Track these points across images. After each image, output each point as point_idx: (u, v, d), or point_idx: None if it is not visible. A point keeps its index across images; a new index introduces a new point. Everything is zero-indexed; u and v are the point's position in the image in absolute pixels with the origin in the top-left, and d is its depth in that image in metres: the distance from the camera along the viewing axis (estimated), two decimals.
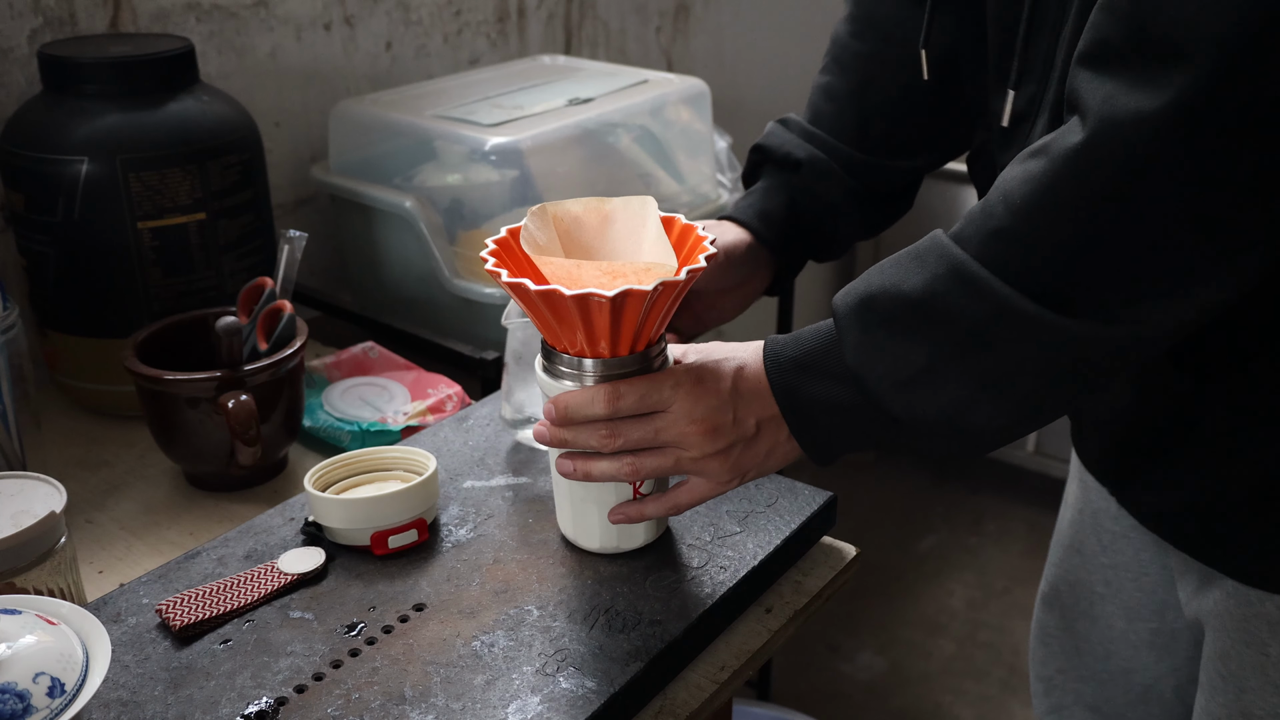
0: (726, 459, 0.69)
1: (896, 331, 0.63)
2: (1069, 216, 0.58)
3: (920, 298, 0.62)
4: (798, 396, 0.68)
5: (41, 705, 0.52)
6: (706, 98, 1.39)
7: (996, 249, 0.60)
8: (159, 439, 0.92)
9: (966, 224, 0.62)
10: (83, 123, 0.97)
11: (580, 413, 0.69)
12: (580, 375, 0.70)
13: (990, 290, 0.60)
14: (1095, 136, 0.56)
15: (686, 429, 0.68)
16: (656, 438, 0.69)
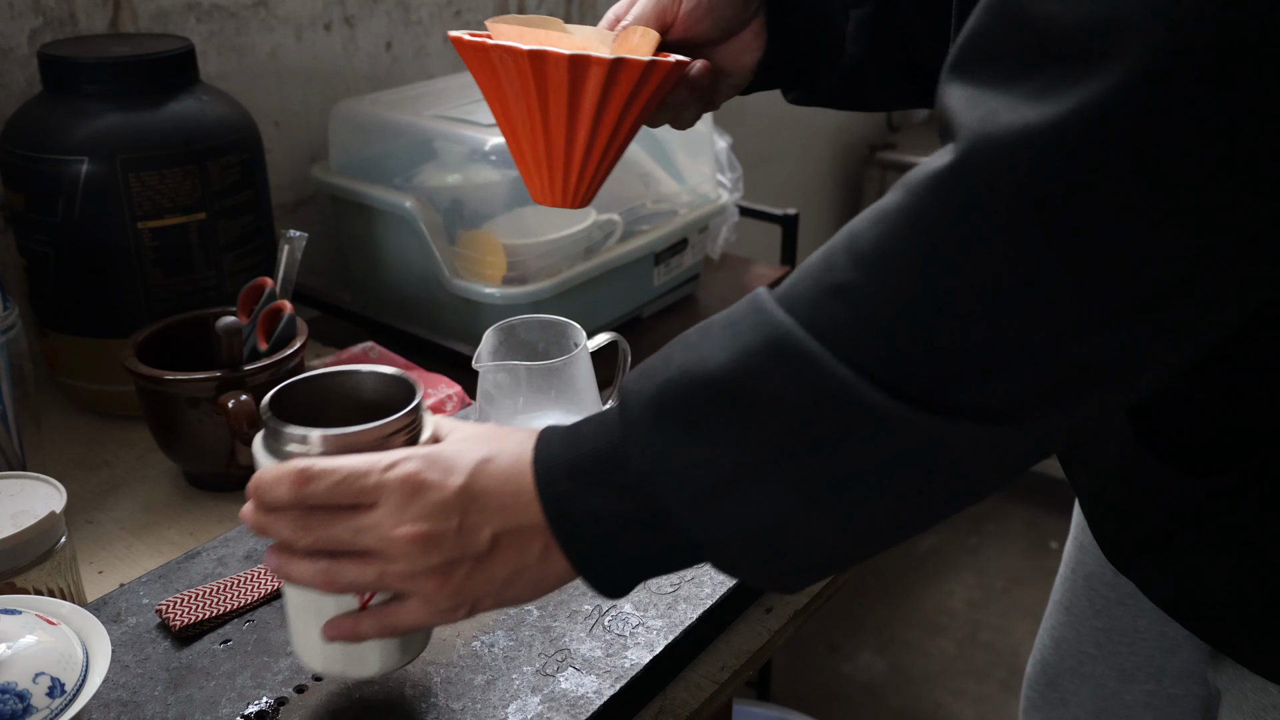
0: (445, 580, 0.52)
1: (697, 426, 0.48)
2: (928, 268, 0.43)
3: (726, 380, 0.47)
4: (571, 511, 0.51)
5: (41, 705, 0.52)
6: None
7: (833, 313, 0.45)
8: (159, 439, 0.92)
9: (798, 278, 0.47)
10: (83, 123, 0.97)
11: (268, 495, 0.53)
12: (304, 448, 0.55)
13: (820, 370, 0.45)
14: (967, 160, 0.42)
15: (392, 534, 0.52)
16: (355, 540, 0.52)
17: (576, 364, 0.84)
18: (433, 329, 1.20)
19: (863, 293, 0.44)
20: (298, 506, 0.53)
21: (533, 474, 0.52)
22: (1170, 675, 0.82)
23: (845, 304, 0.45)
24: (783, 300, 0.47)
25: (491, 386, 0.84)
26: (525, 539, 0.52)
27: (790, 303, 0.47)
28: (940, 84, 0.45)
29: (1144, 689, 0.84)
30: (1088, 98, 0.39)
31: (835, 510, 0.47)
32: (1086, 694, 0.88)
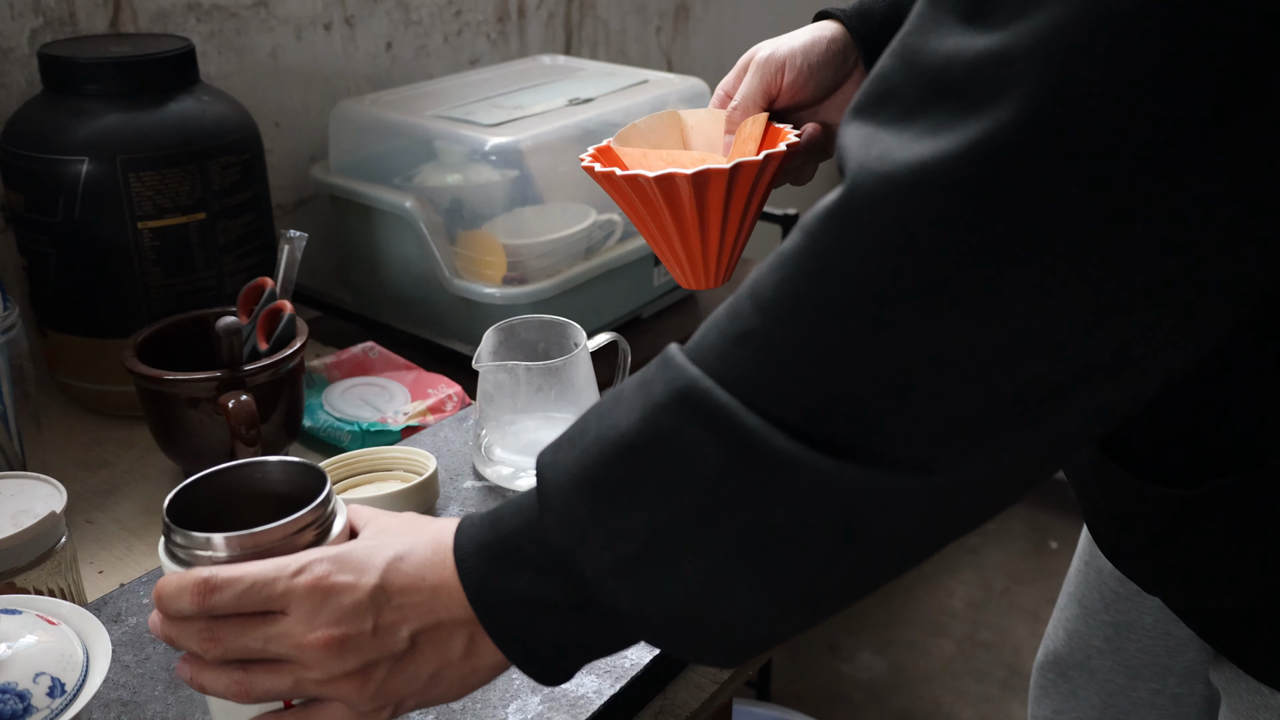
0: (365, 683, 0.50)
1: (612, 493, 0.46)
2: (827, 308, 0.41)
3: (635, 439, 0.45)
4: (495, 597, 0.49)
5: (42, 705, 0.52)
6: (706, 98, 1.39)
7: (740, 361, 0.43)
8: (159, 439, 0.92)
9: (706, 330, 0.46)
10: (83, 123, 0.97)
11: (171, 606, 0.51)
12: (209, 553, 0.53)
13: (730, 421, 0.43)
14: (854, 195, 0.41)
15: (304, 640, 0.50)
16: (266, 649, 0.51)
17: (576, 364, 0.84)
18: (433, 329, 1.20)
19: (768, 339, 0.43)
20: (203, 617, 0.51)
21: (454, 562, 0.50)
22: (1176, 674, 0.82)
23: (751, 351, 0.43)
24: (690, 353, 0.45)
25: (491, 386, 0.84)
26: (446, 634, 0.51)
27: (698, 355, 0.45)
28: (840, 126, 0.44)
29: (1150, 687, 0.84)
30: (978, 133, 0.38)
31: (760, 572, 0.44)
32: (1094, 688, 0.88)
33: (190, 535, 0.53)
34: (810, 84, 0.76)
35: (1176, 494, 0.60)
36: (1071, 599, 0.91)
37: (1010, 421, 0.42)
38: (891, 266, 0.40)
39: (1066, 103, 0.37)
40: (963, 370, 0.40)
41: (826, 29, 0.78)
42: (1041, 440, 0.43)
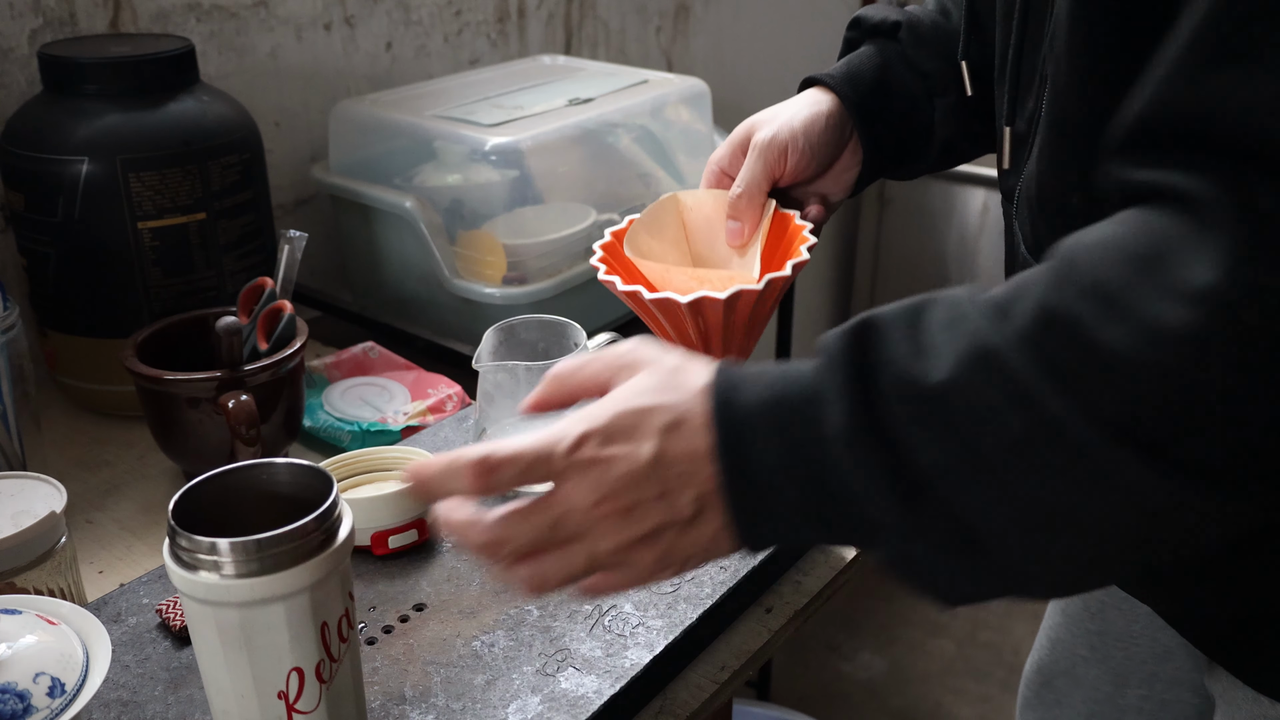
0: (654, 547, 0.50)
1: (906, 415, 0.45)
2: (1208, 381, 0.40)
3: (940, 386, 0.45)
4: (749, 460, 0.48)
5: (42, 705, 0.52)
6: (706, 98, 1.39)
7: (1056, 338, 0.43)
8: (159, 439, 0.92)
9: (1016, 295, 0.45)
10: (83, 123, 0.97)
11: (445, 485, 0.51)
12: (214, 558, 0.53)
13: (1035, 399, 0.43)
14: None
15: (592, 512, 0.49)
16: (555, 532, 0.50)
17: None
18: (433, 329, 1.20)
19: (1089, 328, 0.42)
20: (483, 493, 0.50)
21: (714, 422, 0.49)
22: (1163, 681, 0.82)
23: (1066, 334, 0.42)
24: (999, 313, 0.44)
25: (491, 386, 0.84)
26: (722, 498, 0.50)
27: (1007, 317, 0.44)
28: (1128, 151, 0.44)
29: (1137, 693, 0.83)
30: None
31: (1040, 541, 0.44)
32: (1080, 696, 0.87)
33: (195, 539, 0.53)
34: (813, 164, 0.76)
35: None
36: (1055, 609, 0.90)
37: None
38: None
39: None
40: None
41: (822, 102, 0.76)
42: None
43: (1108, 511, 0.43)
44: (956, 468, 0.44)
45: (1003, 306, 0.45)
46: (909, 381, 0.45)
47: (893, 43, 0.79)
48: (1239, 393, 0.40)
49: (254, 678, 0.55)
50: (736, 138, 0.77)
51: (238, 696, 0.56)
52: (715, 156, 0.78)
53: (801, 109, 0.76)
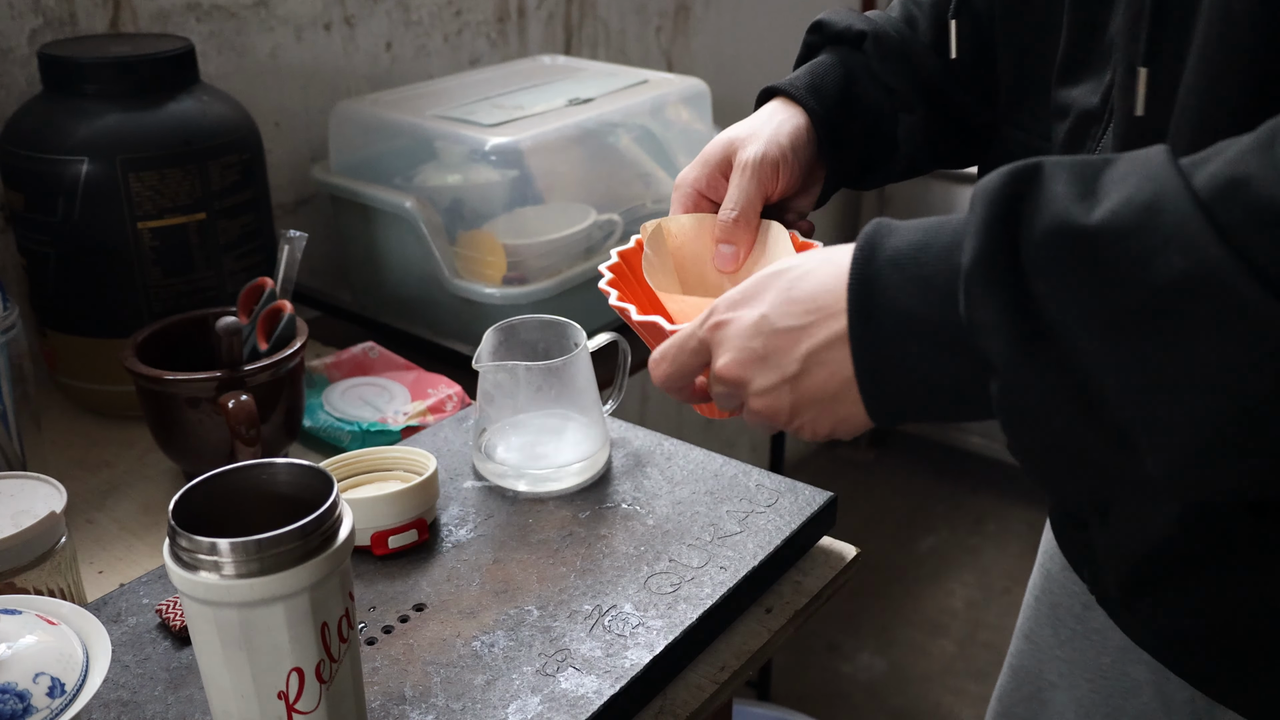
0: (777, 398, 0.54)
1: (1045, 259, 0.44)
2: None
3: (1096, 226, 0.43)
4: (876, 301, 0.49)
5: (41, 705, 0.52)
6: (706, 98, 1.39)
7: (1238, 200, 0.41)
8: (159, 439, 0.92)
9: (1211, 153, 0.43)
10: (83, 123, 0.97)
11: (653, 373, 0.61)
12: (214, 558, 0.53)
13: (1204, 246, 0.40)
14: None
15: (721, 372, 0.56)
16: (715, 387, 0.58)
17: (576, 364, 0.84)
18: (433, 329, 1.20)
19: (1272, 193, 0.40)
20: (671, 388, 0.61)
21: (849, 261, 0.50)
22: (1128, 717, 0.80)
23: (1252, 196, 0.40)
24: (1187, 165, 0.43)
25: (491, 386, 0.84)
26: (836, 354, 0.51)
27: (1192, 168, 0.42)
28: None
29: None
30: None
31: (1162, 405, 0.42)
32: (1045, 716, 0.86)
33: (195, 540, 0.53)
34: (800, 180, 0.74)
35: None
36: (1020, 635, 0.89)
37: None
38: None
39: None
40: None
41: (797, 114, 0.74)
42: None
43: (1245, 374, 0.41)
44: (1090, 317, 0.43)
45: (1192, 163, 0.43)
46: (1063, 221, 0.43)
47: (856, 53, 0.76)
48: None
49: (254, 678, 0.55)
50: (713, 158, 0.73)
51: (238, 697, 0.56)
52: (689, 178, 0.74)
53: (783, 124, 0.73)
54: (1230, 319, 0.40)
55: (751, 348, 0.54)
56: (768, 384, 0.54)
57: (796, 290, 0.53)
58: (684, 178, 0.74)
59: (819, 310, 0.52)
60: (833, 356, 0.51)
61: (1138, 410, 0.43)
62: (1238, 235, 0.40)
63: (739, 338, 0.54)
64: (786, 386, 0.53)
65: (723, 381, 0.56)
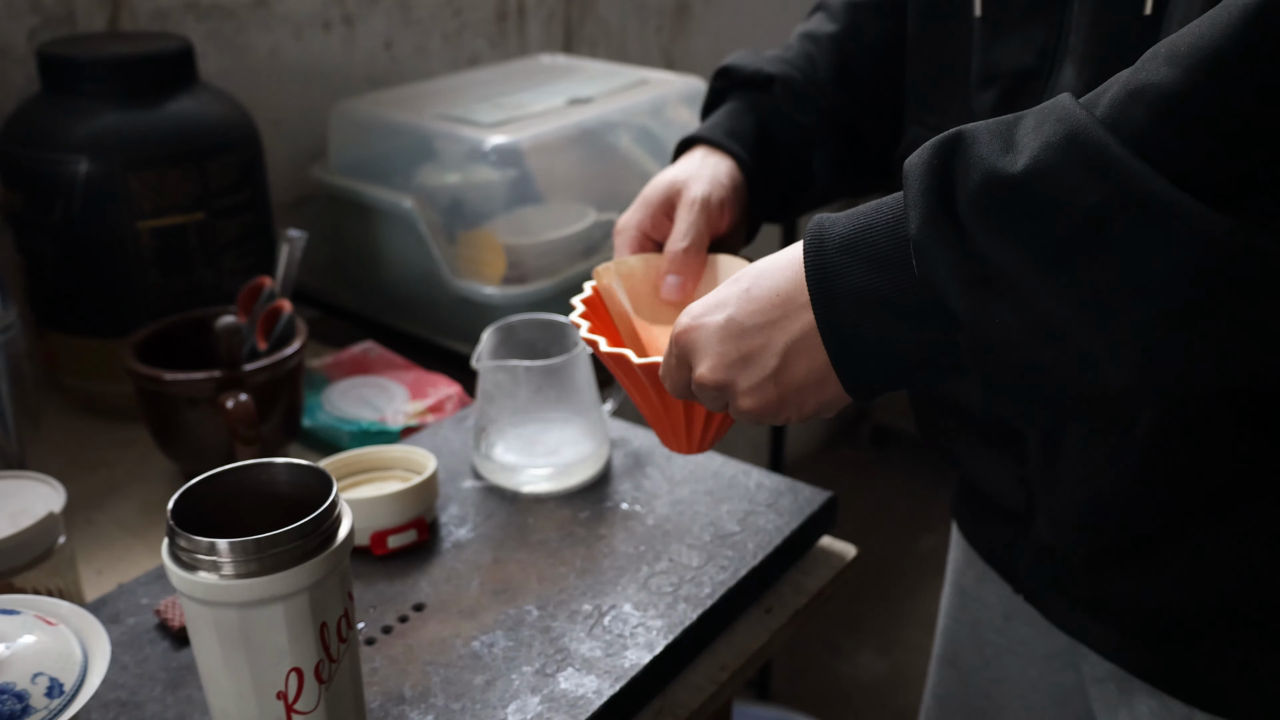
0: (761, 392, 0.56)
1: (982, 211, 0.47)
2: (1251, 60, 0.41)
3: (1021, 174, 0.46)
4: (835, 285, 0.52)
5: (40, 705, 0.52)
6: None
7: (1137, 113, 0.44)
8: (158, 439, 0.92)
9: (1105, 85, 0.47)
10: (81, 122, 0.97)
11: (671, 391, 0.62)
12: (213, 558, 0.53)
13: (1116, 166, 0.43)
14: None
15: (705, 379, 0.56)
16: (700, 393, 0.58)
17: (576, 364, 0.84)
18: (433, 329, 1.20)
19: (1171, 89, 0.43)
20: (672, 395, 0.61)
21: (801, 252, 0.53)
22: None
23: (1150, 104, 0.43)
24: (1086, 103, 0.46)
25: (491, 386, 0.84)
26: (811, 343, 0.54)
27: (1091, 103, 0.46)
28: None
29: None
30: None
31: (1115, 322, 0.45)
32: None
33: (194, 539, 0.53)
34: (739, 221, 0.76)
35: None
36: (942, 663, 0.88)
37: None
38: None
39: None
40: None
41: (725, 159, 0.76)
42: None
43: (1175, 274, 0.43)
44: (1030, 254, 0.45)
45: (1092, 98, 0.46)
46: (991, 174, 0.46)
47: (765, 95, 0.79)
48: None
49: (253, 678, 0.55)
50: (654, 199, 0.74)
51: (237, 697, 0.56)
52: (632, 220, 0.75)
53: (717, 166, 0.75)
54: (1151, 226, 0.43)
55: (726, 351, 0.55)
56: (753, 382, 0.55)
57: (756, 290, 0.55)
58: (626, 221, 0.75)
59: (785, 304, 0.54)
60: (809, 345, 0.53)
61: (1089, 330, 0.45)
62: (1145, 141, 0.43)
63: (711, 344, 0.56)
64: (771, 382, 0.55)
65: (706, 387, 0.57)
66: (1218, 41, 0.42)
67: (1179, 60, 0.43)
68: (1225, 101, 0.42)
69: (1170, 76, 0.43)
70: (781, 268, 0.55)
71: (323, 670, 0.56)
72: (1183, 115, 0.43)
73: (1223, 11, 0.43)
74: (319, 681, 0.56)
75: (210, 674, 0.56)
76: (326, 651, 0.56)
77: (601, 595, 0.73)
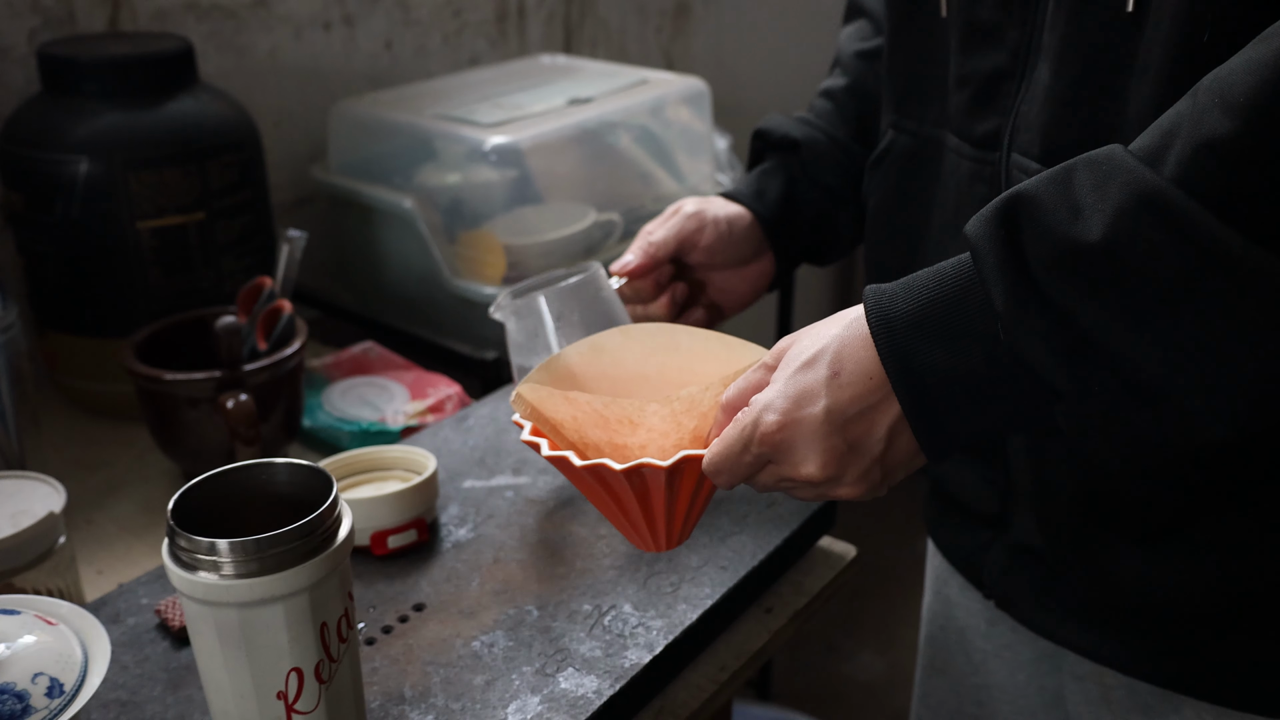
0: (866, 478, 0.55)
1: (1064, 281, 0.47)
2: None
3: (1100, 242, 0.46)
4: (916, 367, 0.51)
5: (40, 705, 0.52)
6: (706, 97, 1.39)
7: (1208, 168, 0.44)
8: (158, 439, 0.92)
9: (1165, 138, 0.46)
10: (82, 122, 0.97)
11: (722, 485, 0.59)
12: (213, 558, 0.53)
13: (1198, 230, 0.44)
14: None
15: (804, 475, 0.55)
16: (793, 488, 0.57)
17: (597, 282, 0.79)
18: (433, 329, 1.20)
19: (1242, 143, 0.43)
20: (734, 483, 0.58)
21: (869, 333, 0.53)
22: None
23: (1220, 158, 0.44)
24: (1148, 158, 0.46)
25: (516, 333, 0.79)
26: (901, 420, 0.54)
27: (1155, 159, 0.46)
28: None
29: None
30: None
31: (1211, 377, 0.46)
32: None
33: (194, 539, 0.53)
34: (728, 251, 0.82)
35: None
36: (931, 672, 0.89)
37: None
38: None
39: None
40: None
41: (742, 211, 0.84)
42: None
43: (1272, 328, 0.44)
44: (1118, 319, 0.46)
45: (1152, 150, 0.46)
46: (1067, 245, 0.47)
47: (794, 155, 0.86)
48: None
49: (253, 678, 0.55)
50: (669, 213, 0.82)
51: (237, 697, 0.56)
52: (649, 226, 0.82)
53: (729, 207, 0.83)
54: (1236, 285, 0.44)
55: (835, 445, 0.53)
56: (862, 469, 0.54)
57: (846, 376, 0.53)
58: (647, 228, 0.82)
59: (881, 386, 0.53)
60: (907, 425, 0.53)
61: (1188, 388, 0.46)
62: (1220, 199, 0.44)
63: (815, 440, 0.53)
64: (877, 465, 0.54)
65: (813, 483, 0.55)
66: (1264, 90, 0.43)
67: (1237, 111, 0.43)
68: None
69: (1234, 130, 0.43)
70: (857, 346, 0.53)
71: (323, 670, 0.56)
72: (1252, 168, 0.43)
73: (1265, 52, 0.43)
74: (319, 681, 0.56)
75: (210, 674, 0.56)
76: (327, 651, 0.56)
77: (601, 595, 0.73)
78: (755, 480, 0.57)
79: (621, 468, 0.57)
